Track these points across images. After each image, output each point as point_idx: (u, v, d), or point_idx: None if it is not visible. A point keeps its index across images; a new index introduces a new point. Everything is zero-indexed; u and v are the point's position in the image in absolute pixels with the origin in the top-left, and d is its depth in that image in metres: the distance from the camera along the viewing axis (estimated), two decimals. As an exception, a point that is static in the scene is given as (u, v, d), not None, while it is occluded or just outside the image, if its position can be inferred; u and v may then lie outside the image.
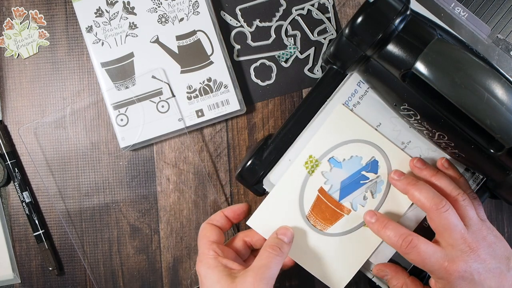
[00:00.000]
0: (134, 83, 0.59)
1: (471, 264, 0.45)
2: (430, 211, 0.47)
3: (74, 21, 0.61)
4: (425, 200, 0.47)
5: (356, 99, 0.53)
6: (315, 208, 0.52)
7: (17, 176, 0.60)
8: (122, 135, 0.59)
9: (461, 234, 0.46)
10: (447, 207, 0.46)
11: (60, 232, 0.61)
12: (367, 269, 0.53)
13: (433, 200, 0.47)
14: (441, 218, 0.46)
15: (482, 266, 0.46)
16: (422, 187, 0.48)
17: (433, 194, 0.47)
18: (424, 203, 0.47)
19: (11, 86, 0.61)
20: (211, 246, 0.49)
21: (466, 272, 0.45)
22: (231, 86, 0.59)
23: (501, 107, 0.42)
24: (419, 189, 0.48)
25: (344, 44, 0.48)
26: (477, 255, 0.46)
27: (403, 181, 0.49)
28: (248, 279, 0.46)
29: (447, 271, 0.45)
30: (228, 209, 0.54)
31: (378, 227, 0.49)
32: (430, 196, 0.47)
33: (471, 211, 0.48)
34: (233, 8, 0.61)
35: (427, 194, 0.47)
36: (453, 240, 0.46)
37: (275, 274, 0.47)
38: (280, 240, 0.49)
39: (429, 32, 0.46)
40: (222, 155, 0.61)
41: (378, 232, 0.49)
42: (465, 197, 0.48)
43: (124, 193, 0.61)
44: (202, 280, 0.48)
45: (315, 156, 0.52)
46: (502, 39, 0.56)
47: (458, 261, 0.45)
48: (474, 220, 0.48)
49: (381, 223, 0.49)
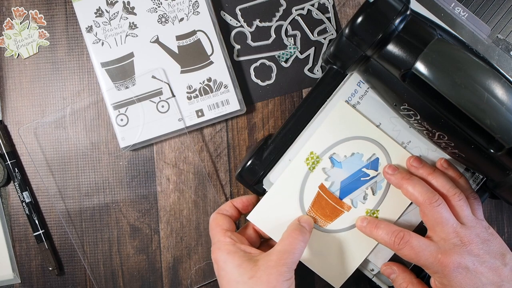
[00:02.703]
0: (134, 83, 0.59)
1: (465, 257, 0.46)
2: (422, 205, 0.47)
3: (74, 21, 0.61)
4: (418, 194, 0.48)
5: (356, 99, 0.53)
6: (315, 205, 0.52)
7: (17, 176, 0.60)
8: (122, 135, 0.59)
9: (453, 228, 0.47)
10: (439, 202, 0.47)
11: (60, 232, 0.61)
12: (367, 269, 0.53)
13: (426, 195, 0.47)
14: (434, 212, 0.47)
15: (477, 259, 0.46)
16: (415, 182, 0.48)
17: (426, 189, 0.48)
18: (417, 197, 0.48)
19: (11, 86, 0.61)
20: (226, 233, 0.49)
21: (461, 264, 0.45)
22: (231, 86, 0.59)
23: (501, 107, 0.42)
24: (412, 183, 0.48)
25: (344, 44, 0.48)
26: (470, 249, 0.46)
27: (397, 176, 0.50)
28: (270, 263, 0.45)
29: (441, 264, 0.46)
30: (238, 200, 0.53)
31: (370, 228, 0.50)
32: (423, 191, 0.47)
33: (466, 210, 0.48)
34: (233, 8, 0.61)
35: (420, 189, 0.48)
36: (445, 234, 0.46)
37: (297, 259, 0.47)
38: (303, 227, 0.49)
39: (429, 32, 0.46)
40: (222, 155, 0.62)
41: (371, 234, 0.50)
42: (461, 197, 0.48)
43: (124, 193, 0.61)
44: (221, 266, 0.47)
45: (316, 153, 0.52)
46: (502, 39, 0.56)
47: (452, 254, 0.46)
48: (469, 218, 0.48)
49: (372, 224, 0.50)
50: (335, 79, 0.53)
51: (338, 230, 0.52)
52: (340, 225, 0.52)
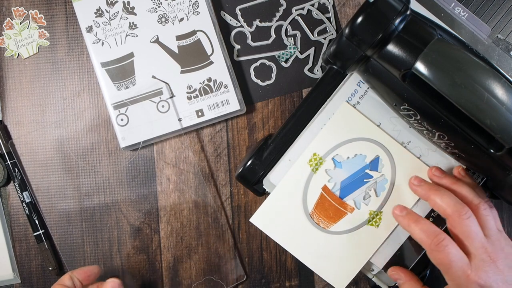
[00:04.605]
0: (134, 83, 0.59)
1: (491, 275, 0.45)
2: (451, 218, 0.46)
3: (74, 21, 0.61)
4: (447, 206, 0.46)
5: (356, 99, 0.53)
6: (319, 206, 0.52)
7: (17, 176, 0.60)
8: (122, 135, 0.59)
9: (481, 243, 0.45)
10: (469, 215, 0.45)
11: (60, 232, 0.61)
12: (367, 269, 0.53)
13: (455, 207, 0.46)
14: (463, 225, 0.45)
15: (500, 277, 0.45)
16: (443, 193, 0.47)
17: (455, 200, 0.46)
18: (446, 209, 0.46)
19: (11, 86, 0.61)
20: None
21: (486, 283, 0.44)
22: (231, 86, 0.59)
23: (501, 107, 0.42)
24: (440, 195, 0.47)
25: (344, 44, 0.48)
26: (496, 266, 0.45)
27: (423, 187, 0.49)
28: None
29: (468, 280, 0.45)
30: (78, 271, 0.55)
31: (408, 221, 0.48)
32: (452, 203, 0.46)
33: (491, 221, 0.47)
34: (233, 8, 0.61)
35: (449, 200, 0.46)
36: (474, 249, 0.45)
37: None
38: None
39: (429, 32, 0.46)
40: (222, 155, 0.61)
41: (408, 226, 0.48)
42: (485, 206, 0.47)
43: (124, 193, 0.61)
44: None
45: (319, 154, 0.52)
46: (502, 39, 0.56)
47: (480, 271, 0.45)
48: (494, 230, 0.47)
49: (412, 217, 0.48)
50: (335, 79, 0.53)
51: (341, 232, 0.52)
52: (343, 227, 0.52)
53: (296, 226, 0.52)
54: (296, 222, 0.52)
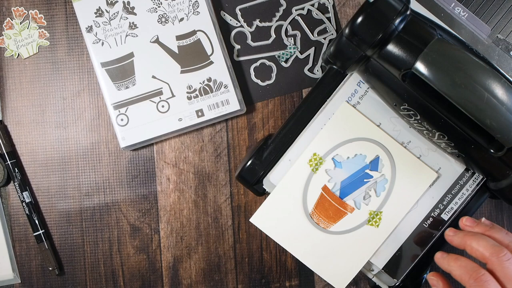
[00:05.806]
0: (134, 83, 0.59)
1: None
2: (490, 261, 0.45)
3: (74, 21, 0.61)
4: (484, 249, 0.45)
5: (356, 99, 0.53)
6: (319, 206, 0.52)
7: (17, 176, 0.60)
8: (122, 135, 0.59)
9: None
10: (508, 256, 0.44)
11: (60, 232, 0.61)
12: (367, 269, 0.53)
13: (493, 249, 0.45)
14: (503, 267, 0.44)
15: None
16: (479, 237, 0.46)
17: (492, 243, 0.45)
18: (483, 252, 0.45)
19: (11, 86, 0.61)
20: None
21: None
22: (231, 86, 0.59)
23: (501, 107, 0.42)
24: (476, 239, 0.46)
25: (344, 44, 0.48)
26: None
27: (459, 235, 0.48)
28: None
29: None
30: None
31: (448, 261, 0.47)
32: (489, 245, 0.45)
33: None
34: (233, 8, 0.61)
35: (485, 243, 0.45)
36: None
37: None
38: None
39: (429, 32, 0.46)
40: (222, 155, 0.62)
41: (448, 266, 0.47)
42: None
43: (124, 193, 0.61)
44: None
45: (319, 154, 0.52)
46: (502, 39, 0.56)
47: None
48: None
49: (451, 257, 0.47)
50: (335, 79, 0.53)
51: (341, 232, 0.52)
52: (343, 227, 0.52)
53: (296, 226, 0.52)
54: (296, 222, 0.52)
